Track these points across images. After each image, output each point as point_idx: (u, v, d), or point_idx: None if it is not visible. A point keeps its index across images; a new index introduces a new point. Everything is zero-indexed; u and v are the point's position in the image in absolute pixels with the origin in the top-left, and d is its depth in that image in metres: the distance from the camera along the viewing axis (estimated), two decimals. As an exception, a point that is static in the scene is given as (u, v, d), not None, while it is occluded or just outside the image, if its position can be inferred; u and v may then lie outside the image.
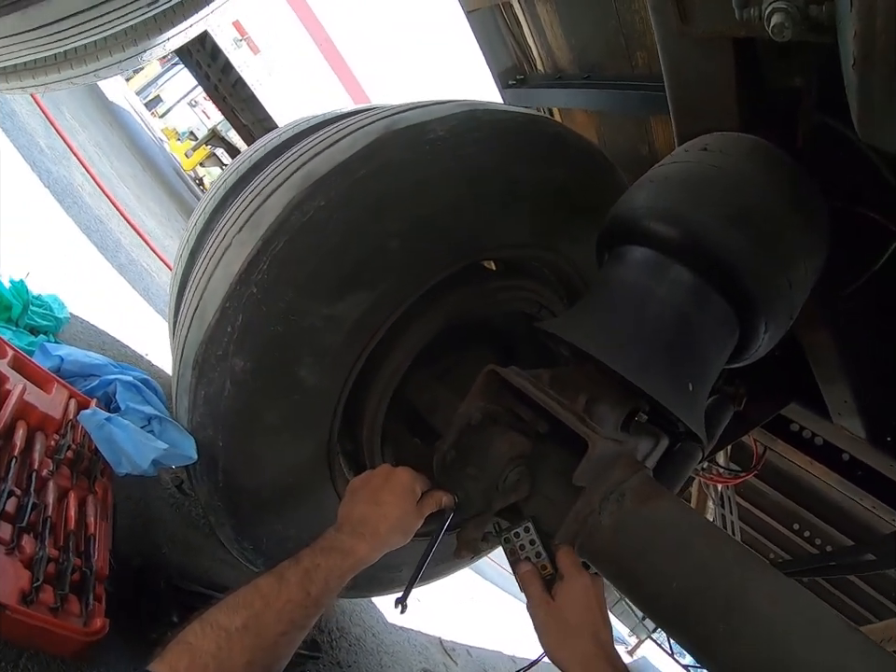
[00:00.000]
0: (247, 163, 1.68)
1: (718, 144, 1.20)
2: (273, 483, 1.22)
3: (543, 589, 0.94)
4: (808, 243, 1.16)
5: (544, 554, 1.00)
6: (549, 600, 0.93)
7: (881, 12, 0.65)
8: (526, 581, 0.96)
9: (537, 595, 0.94)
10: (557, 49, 2.18)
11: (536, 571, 0.98)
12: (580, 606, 0.91)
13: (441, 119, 1.10)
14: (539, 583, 0.95)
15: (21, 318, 1.75)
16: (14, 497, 0.99)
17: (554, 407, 0.99)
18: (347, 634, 1.96)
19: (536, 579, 0.96)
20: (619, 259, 1.13)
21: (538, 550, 1.00)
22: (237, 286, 1.03)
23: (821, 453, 2.15)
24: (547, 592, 0.94)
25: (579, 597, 0.92)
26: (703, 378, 1.07)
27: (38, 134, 3.59)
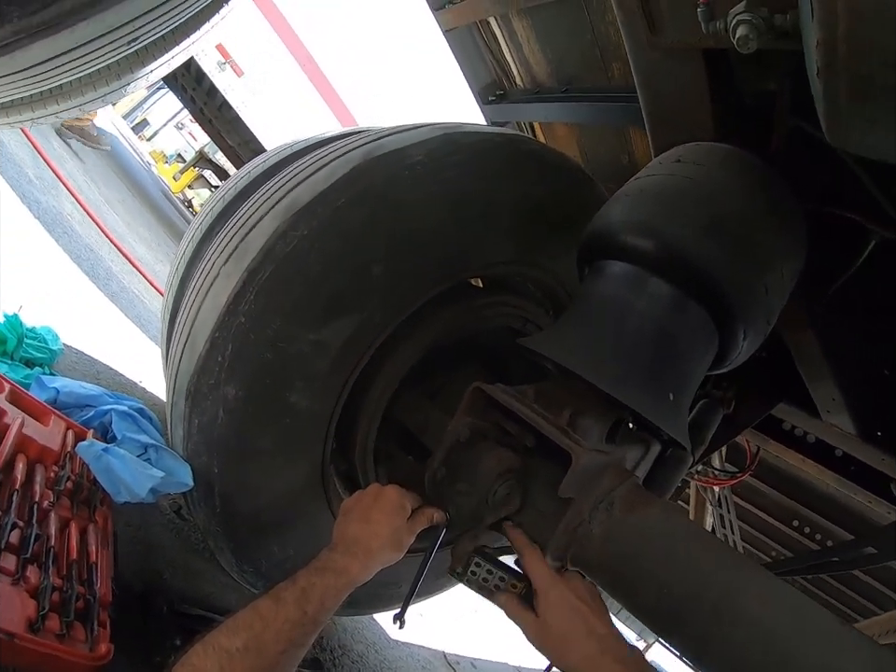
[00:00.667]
0: (233, 191, 1.70)
1: (691, 155, 1.23)
2: (269, 506, 1.24)
3: (526, 608, 0.94)
4: (784, 247, 1.18)
5: (506, 575, 0.99)
6: (534, 618, 0.92)
7: (842, 21, 0.66)
8: (508, 609, 0.95)
9: (523, 617, 0.93)
10: (535, 63, 2.22)
11: (511, 595, 0.97)
12: (563, 611, 0.91)
13: (419, 144, 1.13)
14: (518, 605, 0.94)
15: (16, 352, 1.77)
16: (17, 528, 1.01)
17: (539, 421, 1.01)
18: (350, 651, 1.96)
19: (514, 602, 0.95)
20: (598, 273, 1.15)
21: (499, 574, 1.00)
22: (225, 316, 1.05)
23: (814, 450, 2.16)
24: (530, 610, 0.93)
25: (559, 603, 0.91)
26: (684, 387, 1.09)
27: (27, 165, 3.61)
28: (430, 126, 1.21)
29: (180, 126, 19.18)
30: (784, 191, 1.21)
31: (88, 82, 1.93)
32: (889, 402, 1.67)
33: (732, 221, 1.10)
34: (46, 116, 2.13)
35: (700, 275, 1.06)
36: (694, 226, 1.07)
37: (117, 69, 1.91)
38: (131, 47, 1.58)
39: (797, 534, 3.19)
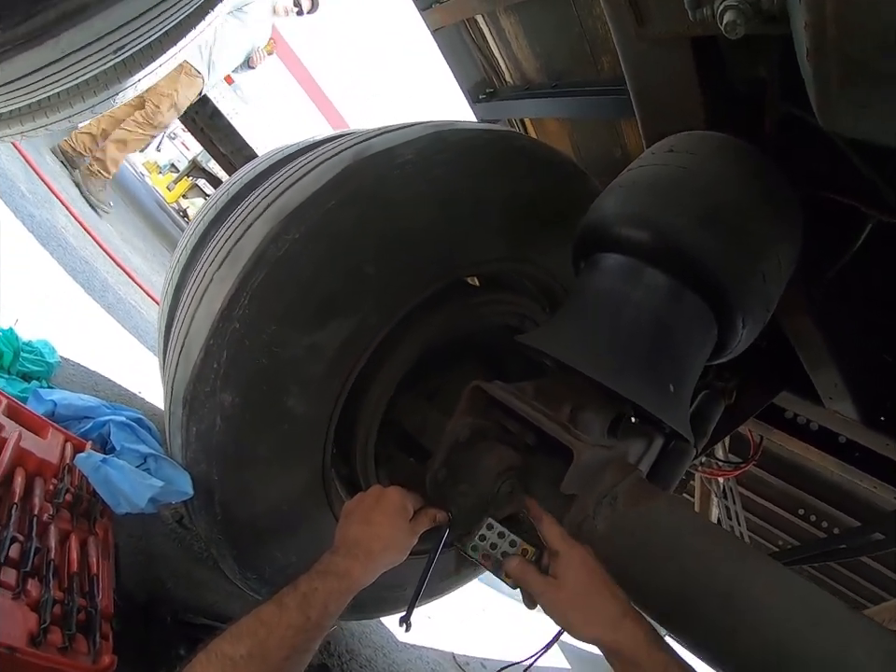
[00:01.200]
0: (224, 197, 1.70)
1: (684, 144, 1.22)
2: (270, 512, 1.23)
3: (541, 573, 0.91)
4: (779, 234, 1.18)
5: (518, 539, 0.96)
6: (552, 581, 0.89)
7: (830, 2, 0.66)
8: (521, 573, 0.92)
9: (538, 581, 0.90)
10: (524, 59, 2.21)
11: (523, 560, 0.94)
12: (585, 573, 0.88)
13: (409, 143, 1.12)
14: (534, 569, 0.91)
15: (12, 366, 1.76)
16: (17, 542, 1.00)
17: (539, 418, 1.01)
18: (358, 656, 1.95)
19: (528, 567, 0.92)
20: (593, 266, 1.14)
21: (511, 539, 0.96)
22: (219, 322, 1.04)
23: (817, 438, 2.16)
24: (546, 574, 0.90)
25: (581, 565, 0.89)
26: (683, 378, 1.09)
27: (19, 179, 3.59)
28: (420, 125, 1.20)
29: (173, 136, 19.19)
30: (778, 178, 1.20)
31: (76, 93, 1.92)
32: (891, 387, 1.67)
33: (727, 210, 1.09)
34: (35, 128, 2.12)
35: (696, 265, 1.05)
36: (689, 215, 1.07)
37: (104, 79, 1.89)
38: (117, 55, 1.57)
39: (804, 522, 3.18)
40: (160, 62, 2.00)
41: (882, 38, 0.68)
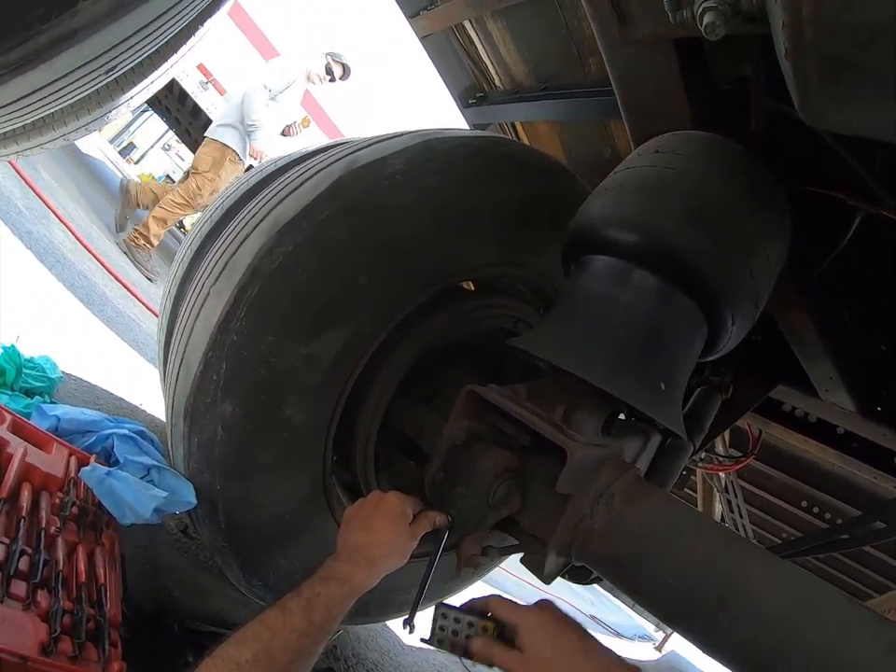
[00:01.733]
0: (220, 211, 1.72)
1: (670, 145, 1.23)
2: (273, 520, 1.25)
3: (507, 647, 0.87)
4: (767, 230, 1.19)
5: (474, 619, 0.92)
6: (518, 655, 0.85)
7: (806, 2, 0.67)
8: (486, 652, 0.88)
9: (507, 658, 0.86)
10: (512, 63, 2.23)
11: (486, 639, 0.89)
12: (549, 638, 0.85)
13: (398, 153, 1.14)
14: (499, 646, 0.87)
15: (15, 382, 1.78)
16: (26, 555, 1.03)
17: (532, 419, 1.02)
18: (364, 660, 1.96)
19: (491, 644, 0.88)
20: (583, 268, 1.16)
21: (467, 620, 0.92)
22: (218, 335, 1.06)
23: (815, 430, 2.17)
24: (512, 648, 0.86)
25: (543, 630, 0.86)
26: (675, 376, 1.10)
27: (15, 196, 3.61)
28: (408, 134, 1.22)
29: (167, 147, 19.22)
30: (765, 174, 1.21)
31: (69, 112, 1.94)
32: (886, 377, 1.68)
33: (713, 209, 1.11)
34: (31, 147, 2.15)
35: (685, 266, 1.06)
36: (676, 216, 1.08)
37: (97, 97, 1.92)
38: (109, 75, 1.59)
39: (806, 514, 3.18)
40: (151, 78, 2.02)
41: (856, 35, 0.69)
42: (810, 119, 0.91)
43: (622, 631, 8.45)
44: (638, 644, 9.03)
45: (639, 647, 8.87)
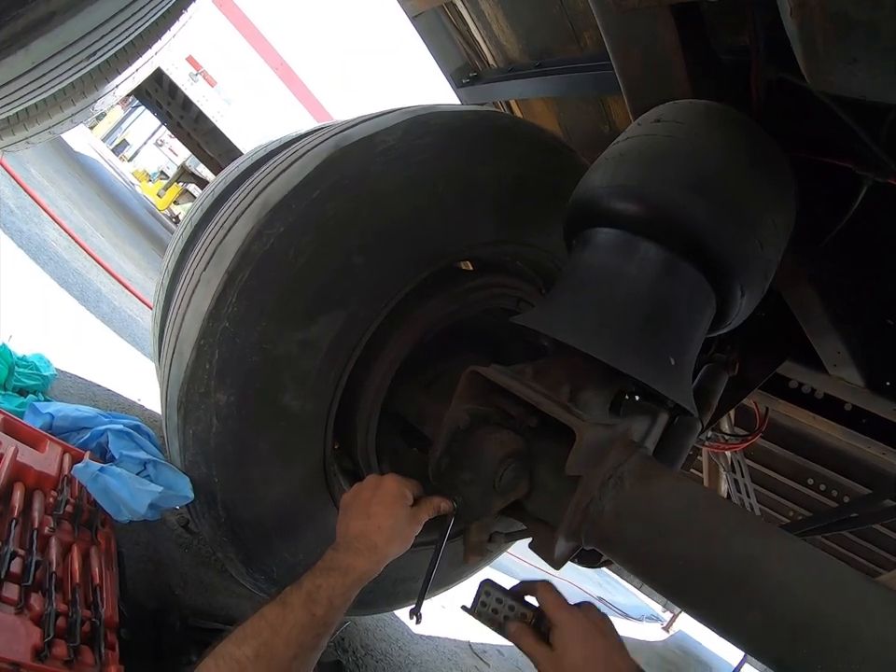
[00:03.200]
0: (210, 198, 1.68)
1: (671, 113, 1.19)
2: (273, 511, 1.22)
3: (538, 641, 0.89)
4: (773, 200, 1.15)
5: (515, 604, 0.94)
6: (549, 652, 0.86)
7: None
8: (520, 640, 0.90)
9: (536, 651, 0.88)
10: (505, 41, 2.18)
11: (522, 625, 0.92)
12: (582, 646, 0.85)
13: (389, 130, 1.10)
14: (531, 638, 0.89)
15: (8, 381, 1.75)
16: (18, 557, 1.00)
17: (539, 400, 0.99)
18: (373, 650, 1.95)
19: (526, 633, 0.90)
20: (585, 242, 1.12)
21: (509, 604, 0.95)
22: (209, 322, 1.03)
23: (823, 406, 2.14)
24: (544, 643, 0.88)
25: (578, 637, 0.86)
26: (684, 351, 1.06)
27: (6, 196, 3.58)
28: (398, 111, 1.18)
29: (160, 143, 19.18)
30: (768, 142, 1.18)
31: (53, 103, 1.90)
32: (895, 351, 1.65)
33: (718, 177, 1.07)
34: (16, 142, 2.11)
35: (690, 235, 1.02)
36: (680, 185, 1.04)
37: (81, 87, 1.88)
38: (91, 61, 1.55)
39: (813, 492, 3.17)
40: (136, 66, 1.98)
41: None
42: (816, 81, 0.88)
43: (629, 612, 8.51)
44: (646, 625, 9.09)
45: (647, 627, 8.94)
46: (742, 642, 0.93)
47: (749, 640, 0.91)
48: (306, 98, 6.65)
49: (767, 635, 0.88)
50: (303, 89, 6.61)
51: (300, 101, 6.48)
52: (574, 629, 0.86)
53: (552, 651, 0.86)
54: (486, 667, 2.56)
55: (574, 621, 0.87)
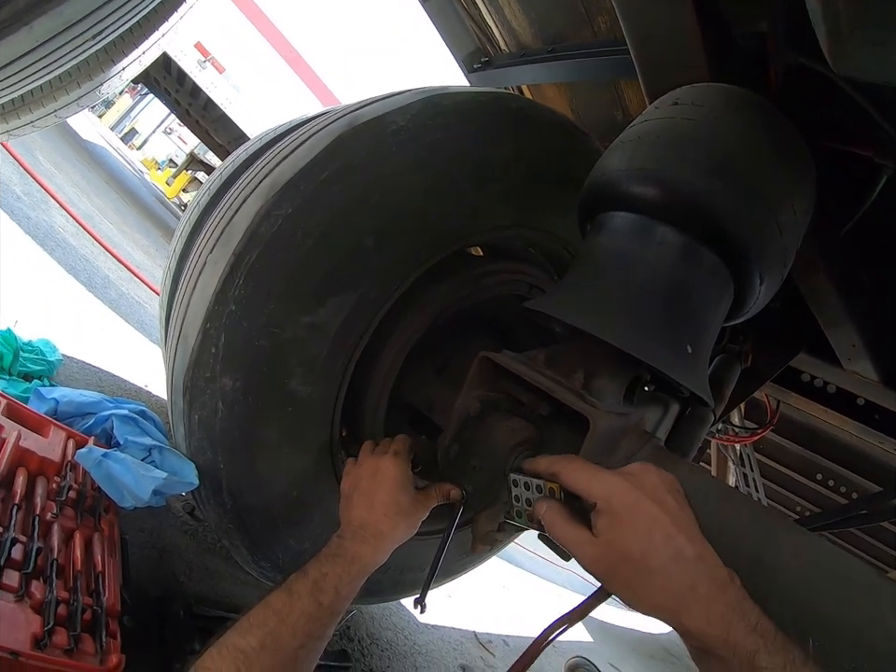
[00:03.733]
0: (218, 181, 1.65)
1: (688, 96, 1.16)
2: (280, 497, 1.20)
3: (577, 523, 0.69)
4: (793, 186, 1.12)
5: (542, 483, 0.77)
6: (591, 538, 0.67)
7: None
8: (553, 521, 0.71)
9: (575, 536, 0.68)
10: (518, 25, 2.14)
11: (553, 502, 0.73)
12: (634, 528, 0.65)
13: (401, 110, 1.07)
14: (566, 517, 0.70)
15: (12, 366, 1.75)
16: (20, 544, 0.99)
17: (552, 387, 0.96)
18: (378, 639, 1.94)
19: (559, 512, 0.71)
20: (601, 227, 1.09)
21: (535, 483, 0.78)
22: (215, 305, 1.00)
23: (835, 400, 2.12)
24: (584, 526, 0.68)
25: (629, 515, 0.65)
26: (702, 339, 1.04)
27: (13, 182, 3.57)
28: (409, 92, 1.15)
29: (168, 131, 19.20)
30: (788, 127, 1.15)
31: (59, 86, 1.88)
32: (912, 346, 1.63)
33: (738, 161, 1.04)
34: (21, 126, 2.09)
35: (709, 219, 1.00)
36: (699, 168, 1.01)
37: (87, 69, 1.86)
38: (96, 42, 1.52)
39: (822, 487, 3.16)
40: (142, 48, 1.96)
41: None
42: (839, 65, 0.85)
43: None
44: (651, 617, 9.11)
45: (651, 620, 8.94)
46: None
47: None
48: (315, 85, 6.61)
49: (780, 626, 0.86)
50: (313, 75, 6.57)
51: (309, 87, 6.45)
52: (625, 505, 0.66)
53: (595, 539, 0.66)
54: (491, 657, 2.55)
55: (620, 493, 0.67)
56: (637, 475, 0.70)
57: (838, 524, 2.49)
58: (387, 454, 1.08)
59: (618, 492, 0.67)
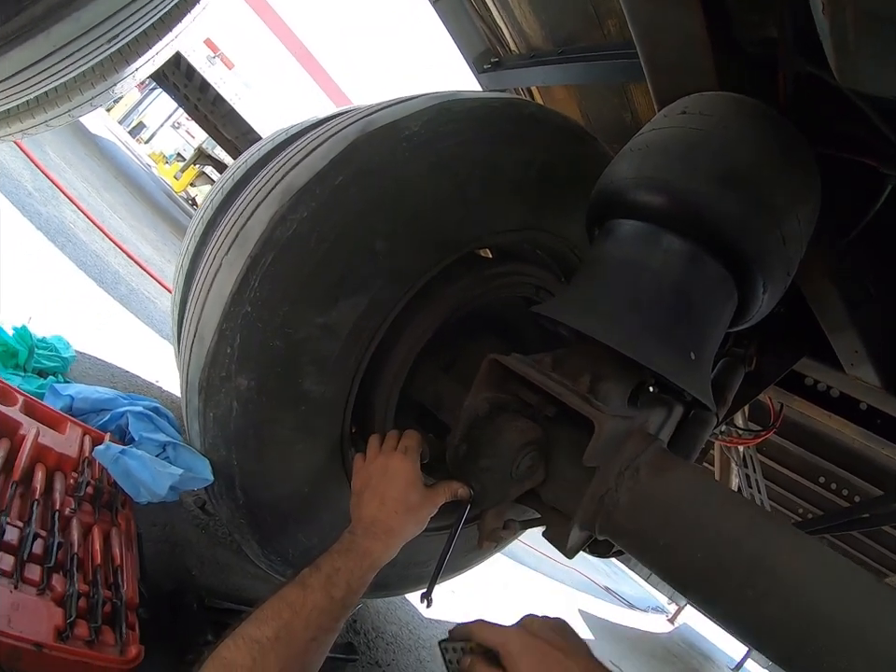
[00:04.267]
0: (231, 181, 1.68)
1: (697, 105, 1.18)
2: (291, 494, 1.23)
3: (492, 667, 0.79)
4: (799, 196, 1.14)
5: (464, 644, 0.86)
6: None
7: None
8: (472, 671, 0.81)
9: None
10: (528, 27, 2.16)
11: (473, 658, 0.82)
12: (527, 659, 0.77)
13: (414, 116, 1.09)
14: (483, 665, 0.80)
15: (27, 363, 1.77)
16: (40, 538, 1.01)
17: (558, 390, 0.99)
18: (383, 633, 1.97)
19: (478, 663, 0.80)
20: (608, 233, 1.11)
21: (460, 646, 0.86)
22: (231, 306, 1.03)
23: (838, 405, 2.13)
24: (498, 668, 0.78)
25: (525, 652, 0.78)
26: (705, 345, 1.06)
27: (24, 178, 3.60)
28: (422, 97, 1.17)
29: (177, 125, 19.23)
30: (795, 137, 1.16)
31: (73, 86, 1.91)
32: (914, 353, 1.64)
33: (745, 172, 1.06)
34: (35, 125, 2.12)
35: (715, 229, 1.02)
36: (706, 178, 1.03)
37: (101, 70, 1.88)
38: (111, 45, 1.55)
39: (824, 490, 3.16)
40: (156, 49, 1.98)
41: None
42: (845, 79, 0.87)
43: (635, 603, 8.54)
44: (651, 616, 9.13)
45: (652, 618, 8.97)
46: (751, 638, 0.93)
47: (759, 637, 0.91)
48: (325, 82, 6.63)
49: (777, 632, 0.88)
50: (322, 72, 6.59)
51: (318, 84, 6.47)
52: (520, 651, 0.78)
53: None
54: (494, 653, 2.57)
55: (516, 642, 0.80)
56: (526, 624, 0.84)
57: (840, 526, 2.51)
58: (397, 451, 1.10)
59: (512, 638, 0.80)
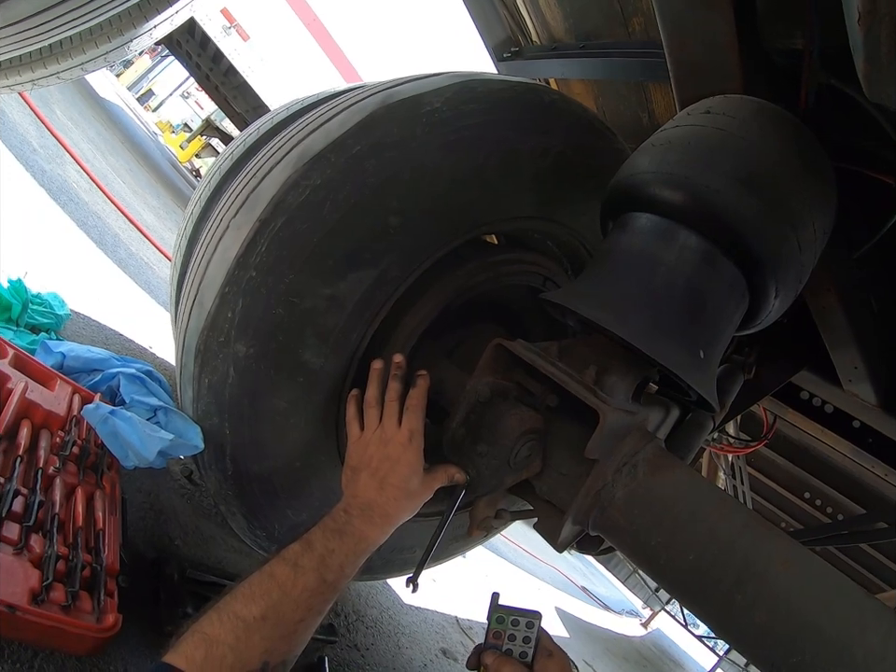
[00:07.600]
0: (241, 148, 1.65)
1: (721, 106, 1.17)
2: (281, 468, 1.21)
3: None
4: (816, 204, 1.13)
5: None
6: None
7: None
8: None
9: None
10: (552, 19, 2.14)
11: None
12: None
13: (437, 91, 1.07)
14: None
15: (21, 317, 1.74)
16: (21, 496, 0.97)
17: (564, 379, 0.97)
18: (364, 616, 1.97)
19: None
20: (623, 226, 1.10)
21: None
22: (236, 270, 1.00)
23: (832, 420, 2.14)
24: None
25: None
26: (714, 344, 1.05)
27: (30, 134, 3.56)
28: (447, 74, 1.15)
29: (186, 95, 19.06)
30: (815, 147, 1.15)
31: (88, 38, 1.87)
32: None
33: (765, 174, 1.04)
34: (46, 76, 2.08)
35: (734, 230, 1.01)
36: (727, 178, 1.02)
37: (118, 23, 1.85)
38: (129, -1, 1.52)
39: (808, 506, 3.19)
40: (175, 7, 1.94)
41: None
42: (873, 92, 0.86)
43: (610, 605, 8.62)
44: (626, 619, 9.21)
45: (626, 622, 9.05)
46: (738, 643, 0.93)
47: (746, 642, 0.91)
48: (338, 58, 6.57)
49: (764, 638, 0.88)
50: (335, 48, 6.53)
51: (332, 61, 6.41)
52: None
53: None
54: (471, 643, 2.58)
55: None
56: None
57: (820, 541, 2.53)
58: (402, 430, 1.03)
59: None
